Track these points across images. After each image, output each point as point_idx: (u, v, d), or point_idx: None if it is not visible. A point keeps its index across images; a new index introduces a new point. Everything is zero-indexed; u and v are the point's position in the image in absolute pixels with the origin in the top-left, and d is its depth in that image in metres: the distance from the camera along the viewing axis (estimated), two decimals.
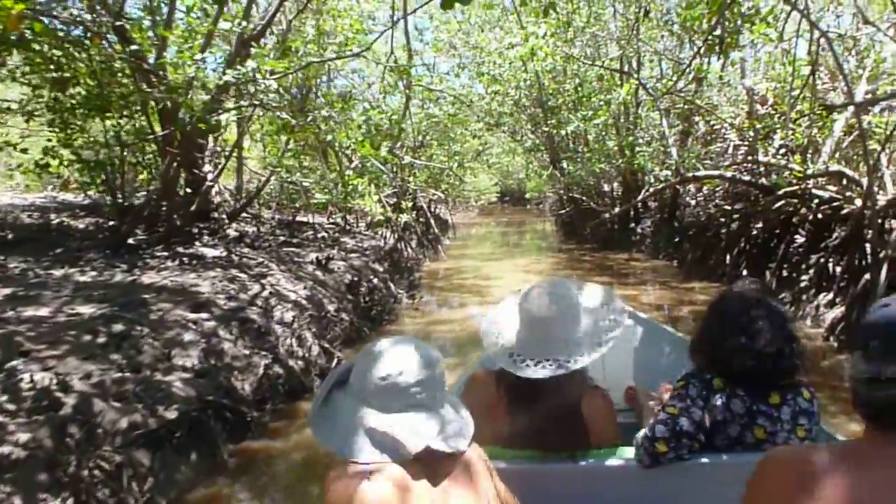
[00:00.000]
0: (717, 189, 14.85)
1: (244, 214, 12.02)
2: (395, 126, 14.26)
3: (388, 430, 1.44)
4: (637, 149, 13.61)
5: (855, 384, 1.18)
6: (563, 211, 23.34)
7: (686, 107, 12.29)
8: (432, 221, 15.08)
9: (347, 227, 13.18)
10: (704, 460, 1.93)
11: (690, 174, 9.71)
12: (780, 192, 8.63)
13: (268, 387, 4.98)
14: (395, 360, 1.51)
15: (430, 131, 20.25)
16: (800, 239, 8.97)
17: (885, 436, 1.13)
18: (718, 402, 1.94)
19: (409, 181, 18.06)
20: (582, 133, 15.90)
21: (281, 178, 11.48)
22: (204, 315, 5.18)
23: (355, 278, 8.30)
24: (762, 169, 10.20)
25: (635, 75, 10.22)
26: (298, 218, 13.73)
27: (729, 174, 9.31)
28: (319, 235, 11.17)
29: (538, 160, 22.63)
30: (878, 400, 1.13)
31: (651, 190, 12.10)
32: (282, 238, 10.06)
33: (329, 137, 9.23)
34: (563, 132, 14.66)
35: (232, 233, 9.71)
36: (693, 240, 13.20)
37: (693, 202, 15.81)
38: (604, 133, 14.88)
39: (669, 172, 10.45)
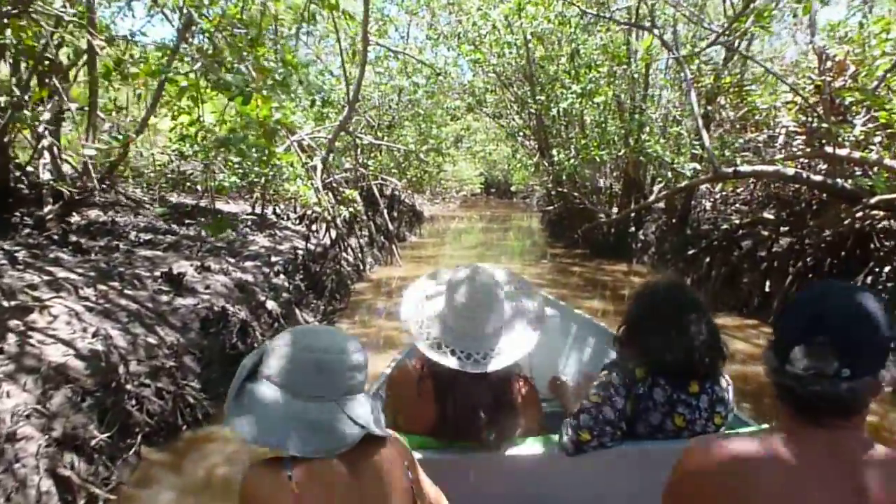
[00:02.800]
0: (740, 191, 12.09)
1: (129, 199, 9.04)
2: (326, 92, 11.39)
3: (324, 419, 1.37)
4: (645, 136, 10.76)
5: (784, 376, 1.14)
6: (550, 207, 20.44)
7: (716, 83, 9.42)
8: (386, 215, 12.09)
9: (271, 220, 10.22)
10: (626, 447, 1.96)
11: (731, 169, 6.85)
12: (874, 200, 5.78)
13: None
14: (323, 347, 1.41)
15: (402, 110, 17.32)
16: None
17: (806, 424, 1.14)
18: (640, 392, 1.97)
19: (370, 165, 15.16)
20: (577, 114, 12.99)
21: (171, 154, 8.49)
22: None
23: (225, 306, 5.37)
24: (820, 165, 7.44)
25: (655, 31, 7.34)
26: (219, 205, 10.78)
27: (790, 171, 6.47)
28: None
29: (525, 148, 19.70)
30: (813, 393, 1.11)
31: (668, 188, 9.23)
32: (149, 236, 7.09)
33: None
34: (554, 112, 11.74)
35: (74, 224, 6.75)
36: (714, 254, 10.38)
37: (709, 205, 13.01)
38: (605, 114, 11.99)
39: (697, 166, 7.59)
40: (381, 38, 14.19)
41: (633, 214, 13.39)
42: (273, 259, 7.37)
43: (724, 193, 13.05)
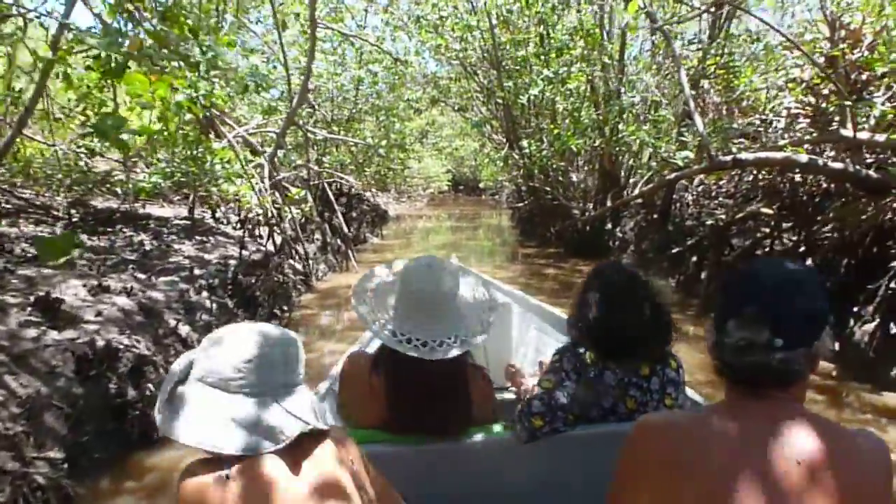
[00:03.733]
0: (722, 183, 11.21)
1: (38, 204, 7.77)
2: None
3: (261, 415, 1.31)
4: (623, 125, 9.79)
5: (722, 350, 1.18)
6: (520, 204, 19.45)
7: (700, 65, 8.47)
8: (341, 216, 10.92)
9: (207, 226, 9.01)
10: (579, 432, 1.96)
11: (728, 158, 5.89)
12: None
13: None
14: (255, 341, 1.37)
15: (361, 103, 16.14)
16: None
17: (746, 397, 1.18)
18: (591, 375, 1.97)
19: (325, 162, 13.96)
20: (548, 102, 11.97)
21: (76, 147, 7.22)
22: None
23: (113, 339, 4.20)
24: (824, 150, 6.52)
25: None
26: (149, 209, 9.55)
27: (803, 158, 5.49)
28: (137, 240, 7.00)
29: (492, 142, 18.66)
30: (748, 364, 1.15)
31: (653, 180, 8.26)
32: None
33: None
34: (523, 100, 10.69)
35: None
36: (701, 253, 9.45)
37: (690, 198, 12.12)
38: (578, 102, 10.99)
39: (690, 154, 6.60)
40: (335, 24, 13.01)
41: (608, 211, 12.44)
42: (197, 272, 6.20)
43: (704, 186, 12.19)
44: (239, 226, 9.26)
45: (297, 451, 1.33)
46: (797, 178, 7.84)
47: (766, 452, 1.10)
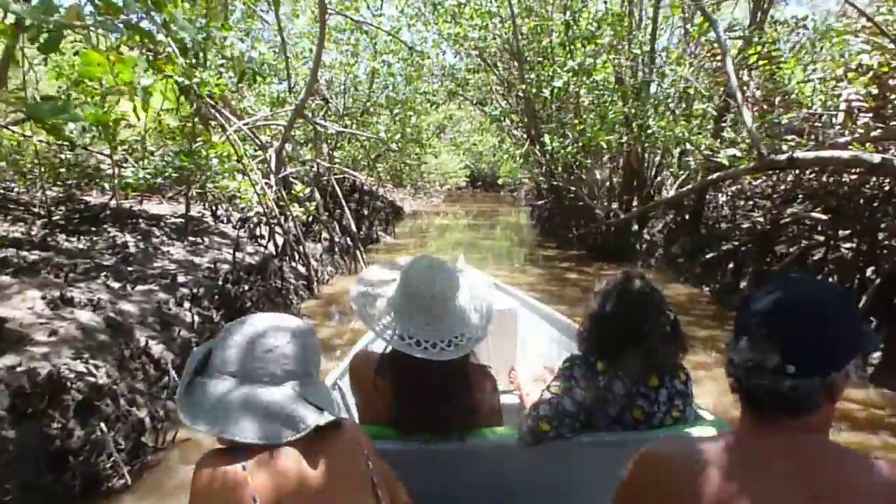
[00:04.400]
0: (756, 182, 10.37)
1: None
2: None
3: (281, 404, 1.31)
4: (653, 119, 9.00)
5: (737, 371, 1.11)
6: (540, 202, 18.70)
7: (742, 53, 7.68)
8: (349, 214, 10.23)
9: (205, 225, 8.39)
10: (585, 439, 1.96)
11: (783, 156, 5.13)
12: None
13: None
14: (274, 331, 1.37)
15: (376, 96, 15.46)
16: None
17: (759, 423, 1.11)
18: (601, 384, 1.98)
19: (336, 157, 13.31)
20: (572, 96, 11.19)
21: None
22: None
23: (62, 367, 3.55)
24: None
25: None
26: (146, 206, 8.99)
27: (876, 157, 4.70)
28: (121, 241, 6.38)
29: (512, 137, 17.91)
30: (755, 387, 1.09)
31: (693, 179, 7.49)
32: (4, 254, 5.23)
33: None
34: (546, 93, 9.93)
35: None
36: (739, 260, 8.66)
37: (723, 198, 11.30)
38: (606, 94, 10.21)
39: (737, 152, 5.82)
40: (348, 12, 12.33)
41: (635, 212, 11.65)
42: (181, 279, 5.56)
43: (738, 185, 11.38)
44: (240, 225, 8.63)
45: (313, 443, 1.32)
46: (849, 178, 7.06)
47: (776, 486, 1.03)
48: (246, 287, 6.22)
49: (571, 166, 10.51)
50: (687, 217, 10.75)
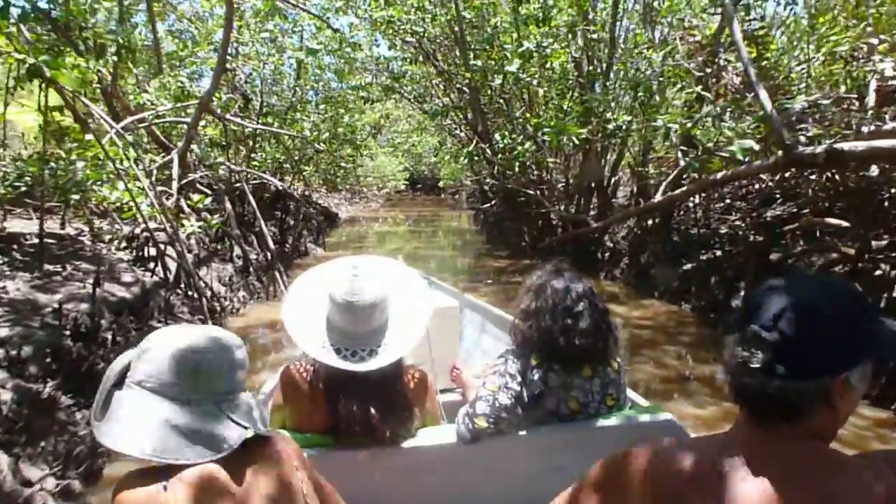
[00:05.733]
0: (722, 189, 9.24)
1: None
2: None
3: (203, 423, 1.26)
4: (612, 112, 7.72)
5: (733, 369, 1.04)
6: (486, 206, 17.30)
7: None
8: (265, 228, 8.54)
9: (78, 246, 6.63)
10: (523, 433, 1.98)
11: (819, 148, 3.89)
12: None
13: None
14: (197, 344, 1.30)
15: (301, 91, 13.79)
16: None
17: (751, 425, 1.06)
18: (536, 377, 2.01)
19: (255, 160, 11.60)
20: (524, 86, 9.82)
21: None
22: None
23: None
24: None
25: None
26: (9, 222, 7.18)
27: None
28: None
29: (454, 137, 16.50)
30: (744, 386, 1.03)
31: (700, 178, 6.17)
32: None
33: None
34: (496, 81, 8.52)
35: None
36: (724, 272, 7.46)
37: (691, 203, 10.11)
38: (565, 83, 8.89)
39: (754, 144, 4.50)
40: (269, 9, 10.69)
41: (594, 218, 10.37)
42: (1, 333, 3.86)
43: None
44: (121, 245, 6.89)
45: (239, 458, 1.28)
46: (859, 174, 5.91)
47: (760, 496, 0.98)
48: (110, 336, 4.55)
49: (527, 165, 9.12)
50: (656, 221, 9.53)
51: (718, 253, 8.09)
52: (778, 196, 8.39)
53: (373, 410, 1.89)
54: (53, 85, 5.50)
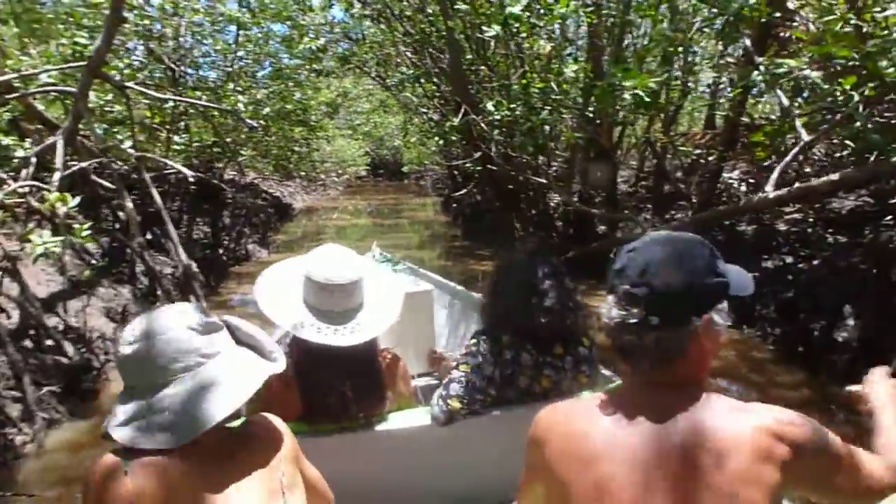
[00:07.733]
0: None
1: None
2: None
3: (167, 408, 1.20)
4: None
5: (612, 331, 1.13)
6: (459, 193, 15.01)
7: None
8: (172, 230, 6.10)
9: None
10: (497, 413, 2.01)
11: None
12: None
13: None
14: (158, 328, 1.25)
15: (240, 61, 11.38)
16: None
17: (634, 377, 1.15)
18: (508, 357, 2.03)
19: (177, 141, 9.19)
20: (518, 45, 7.62)
21: None
22: None
23: None
24: None
25: None
26: None
27: None
28: None
29: (422, 116, 14.23)
30: (625, 344, 1.12)
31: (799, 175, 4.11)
32: None
33: None
34: (495, 30, 6.30)
35: None
36: (798, 286, 5.47)
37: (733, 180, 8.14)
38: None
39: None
40: None
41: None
42: None
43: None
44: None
45: (216, 445, 1.25)
46: None
47: (640, 440, 1.06)
48: None
49: (545, 144, 6.96)
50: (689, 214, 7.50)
51: (788, 259, 6.11)
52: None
53: (347, 394, 1.93)
54: None
